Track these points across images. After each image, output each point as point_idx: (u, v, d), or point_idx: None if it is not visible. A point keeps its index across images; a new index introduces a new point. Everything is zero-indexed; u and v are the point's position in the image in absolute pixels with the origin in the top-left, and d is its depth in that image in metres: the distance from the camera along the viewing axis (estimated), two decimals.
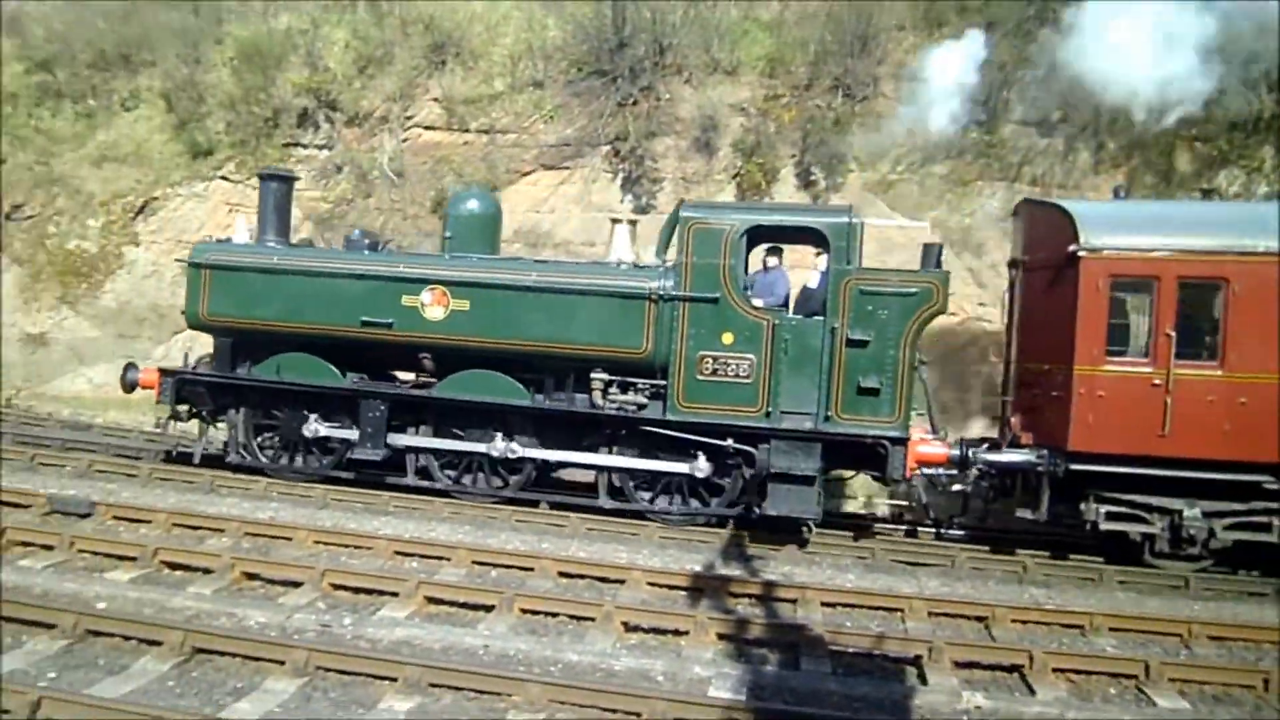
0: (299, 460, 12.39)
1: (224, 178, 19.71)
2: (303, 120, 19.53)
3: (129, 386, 13.03)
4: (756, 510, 10.94)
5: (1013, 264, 12.12)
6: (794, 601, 8.86)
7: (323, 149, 19.46)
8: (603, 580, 9.27)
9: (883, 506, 14.14)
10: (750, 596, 8.96)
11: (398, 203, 18.44)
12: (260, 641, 6.77)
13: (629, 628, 7.94)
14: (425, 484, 11.92)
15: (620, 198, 17.65)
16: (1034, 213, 11.75)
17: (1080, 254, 10.23)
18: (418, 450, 11.91)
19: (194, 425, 12.94)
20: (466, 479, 11.99)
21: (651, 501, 11.55)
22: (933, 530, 12.09)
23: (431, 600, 8.28)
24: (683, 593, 9.02)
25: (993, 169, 16.77)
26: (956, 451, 10.88)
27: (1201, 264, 10.02)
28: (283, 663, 6.51)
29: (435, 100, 19.23)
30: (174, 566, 8.71)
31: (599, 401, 11.29)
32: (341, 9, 20.66)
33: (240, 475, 12.18)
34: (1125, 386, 10.13)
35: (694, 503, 11.45)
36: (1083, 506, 10.53)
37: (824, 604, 8.86)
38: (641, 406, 11.28)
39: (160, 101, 20.92)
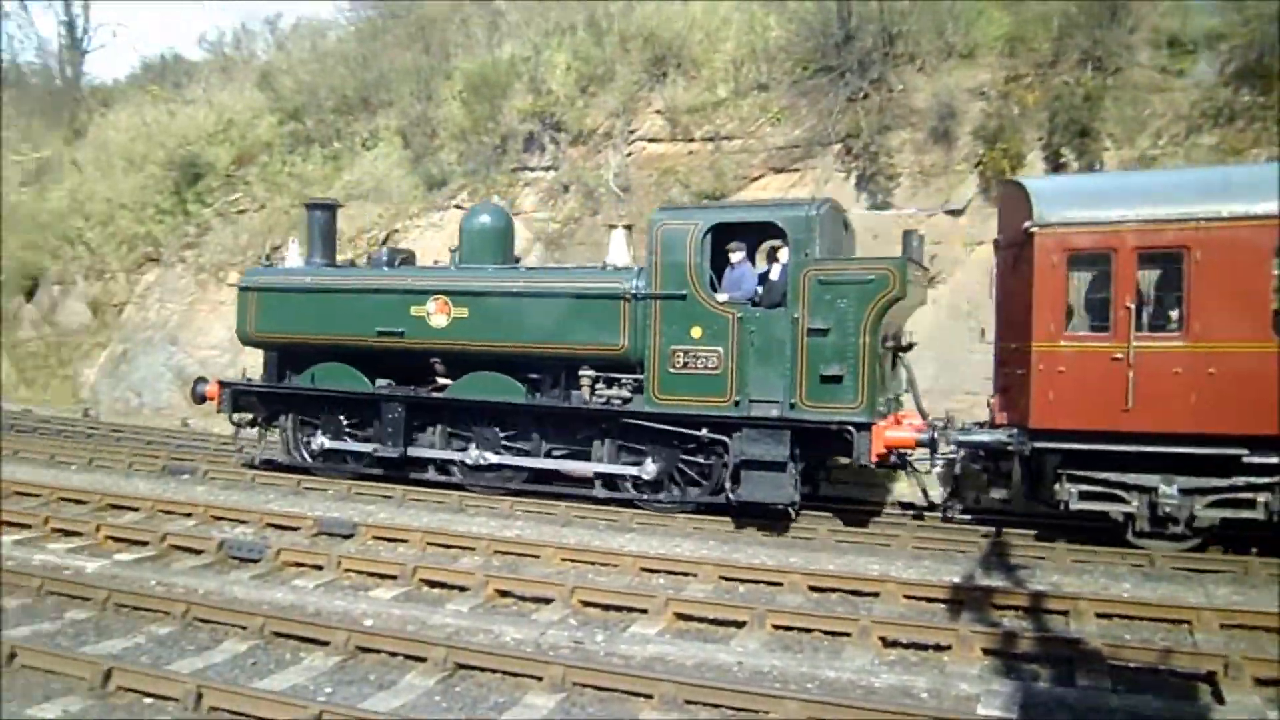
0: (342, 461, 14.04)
1: (458, 206, 20.79)
2: (529, 144, 20.36)
3: (199, 398, 14.96)
4: (730, 497, 11.50)
5: (995, 245, 12.10)
6: (1065, 613, 8.33)
7: (549, 170, 20.19)
8: (855, 594, 9.06)
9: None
10: (1016, 608, 8.52)
11: (625, 217, 18.80)
12: (518, 658, 6.94)
13: (887, 643, 7.68)
14: (443, 479, 13.27)
15: (855, 197, 17.26)
16: (1006, 191, 11.79)
17: (1033, 230, 10.29)
18: (426, 459, 13.41)
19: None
20: (486, 474, 13.08)
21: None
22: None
23: (681, 616, 8.27)
24: (942, 605, 8.67)
25: (1271, 133, 15.24)
26: (926, 435, 11.00)
27: (1160, 233, 9.91)
28: (540, 679, 6.64)
29: (658, 112, 19.55)
30: (432, 584, 9.13)
31: (586, 397, 12.21)
32: (561, 33, 21.43)
33: (486, 496, 12.78)
34: (1084, 362, 10.11)
35: (675, 491, 12.16)
36: (1056, 487, 10.50)
37: (1099, 615, 8.28)
38: (626, 400, 12.16)
39: (397, 139, 22.39)
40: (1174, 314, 10.08)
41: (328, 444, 13.97)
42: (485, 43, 22.25)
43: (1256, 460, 9.62)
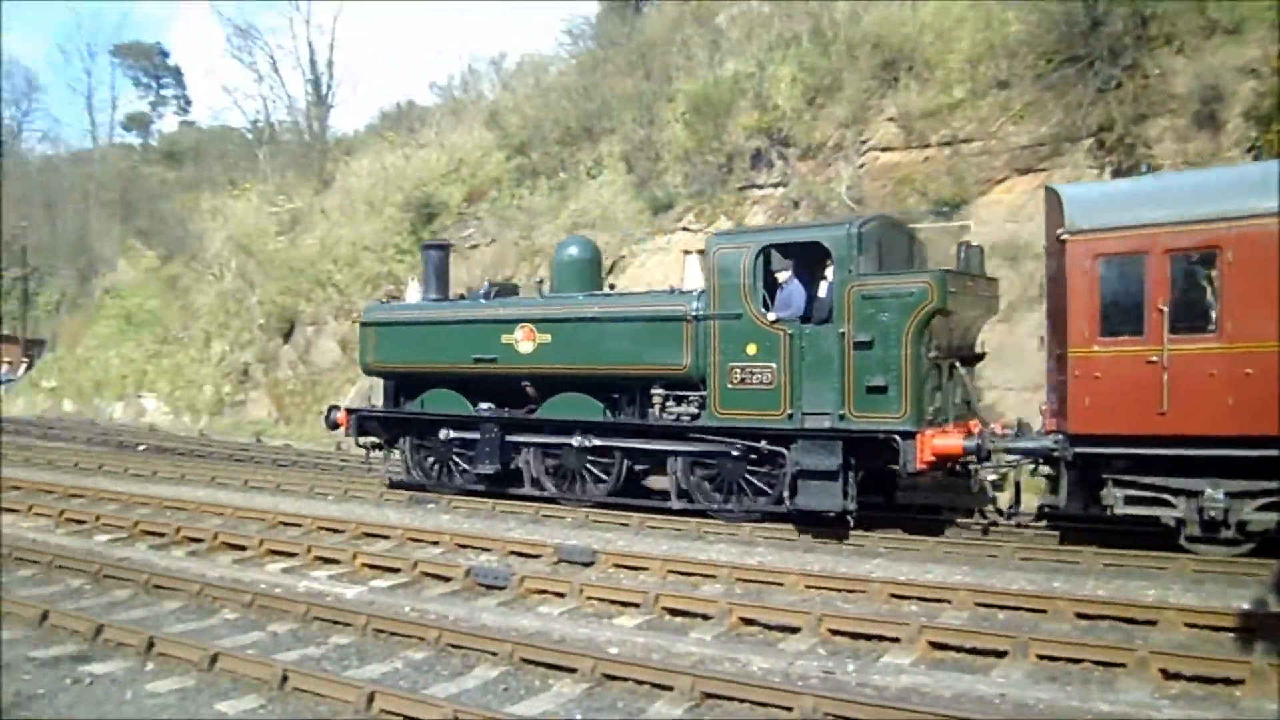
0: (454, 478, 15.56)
1: (685, 228, 21.01)
2: (756, 161, 20.35)
3: (331, 425, 16.79)
4: (788, 506, 12.23)
5: (1045, 251, 12.21)
6: None
7: (778, 186, 20.09)
8: (1129, 621, 8.47)
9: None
10: None
11: None
12: (767, 687, 6.80)
13: (1168, 675, 7.07)
14: (536, 492, 14.42)
15: None
16: (1047, 199, 11.85)
17: (1065, 236, 10.57)
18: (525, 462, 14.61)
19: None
20: (575, 487, 14.26)
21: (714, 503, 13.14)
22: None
23: (936, 646, 7.92)
24: (1230, 634, 7.97)
25: None
26: (975, 443, 11.29)
27: (1191, 234, 10.01)
28: (790, 709, 6.47)
29: (890, 119, 19.12)
30: (674, 612, 9.13)
31: (658, 414, 13.32)
32: (785, 45, 21.37)
33: (724, 523, 12.76)
34: (1119, 366, 10.29)
35: (745, 500, 12.89)
36: (1103, 492, 10.65)
37: None
38: (695, 416, 13.08)
39: (621, 165, 22.93)
40: (1210, 315, 10.15)
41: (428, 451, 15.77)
42: (707, 62, 22.49)
43: None
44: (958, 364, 12.25)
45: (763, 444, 12.34)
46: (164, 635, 8.11)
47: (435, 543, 12.19)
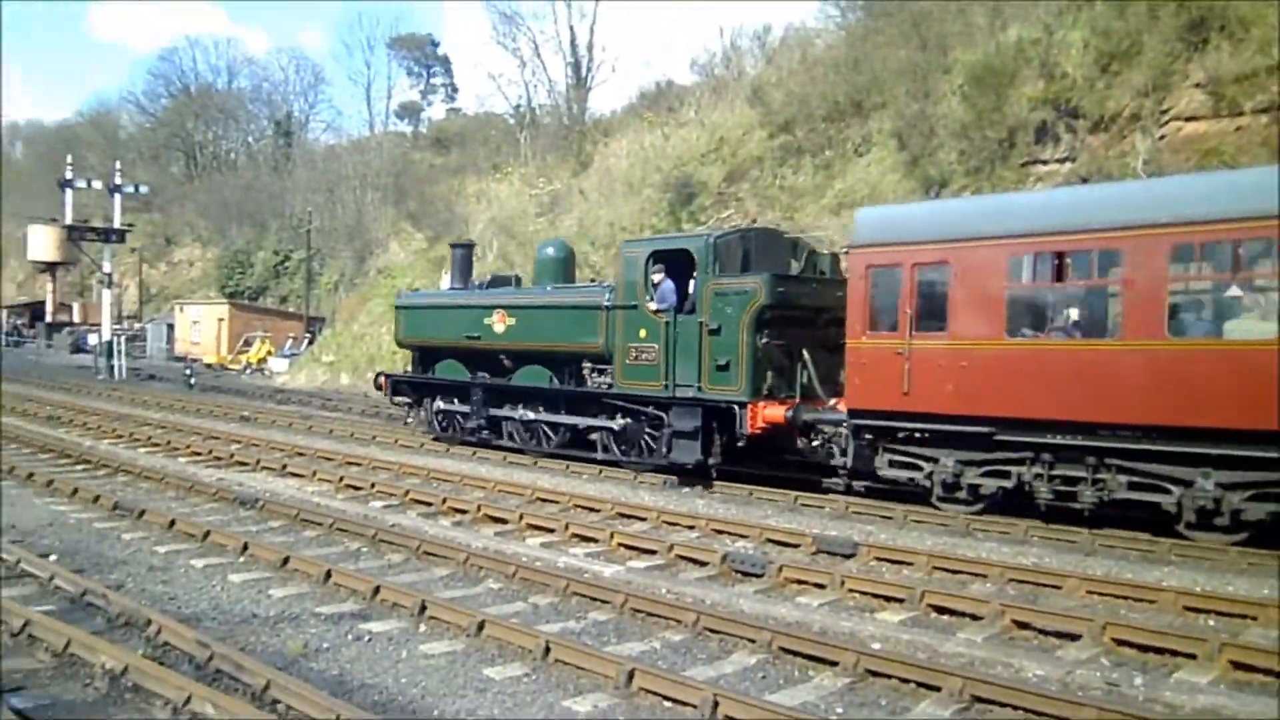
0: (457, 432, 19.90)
1: None
2: (1041, 135, 19.50)
3: (377, 386, 22.49)
4: (665, 459, 15.63)
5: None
6: None
7: (1065, 161, 19.17)
8: None
9: None
10: None
11: None
12: (1044, 696, 6.59)
13: None
14: (509, 445, 18.47)
15: None
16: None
17: (848, 250, 13.64)
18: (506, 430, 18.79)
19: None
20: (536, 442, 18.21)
21: (625, 453, 16.67)
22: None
23: (1239, 666, 7.40)
24: None
25: None
26: (792, 413, 14.34)
27: (929, 252, 12.77)
28: None
29: (1197, 85, 17.82)
30: (940, 610, 8.97)
31: (588, 383, 17.22)
32: (1076, 8, 20.28)
33: (999, 520, 12.40)
34: (879, 356, 13.11)
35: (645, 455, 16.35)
36: (875, 459, 13.61)
37: None
38: (610, 385, 16.65)
39: (891, 142, 22.50)
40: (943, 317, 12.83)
41: (442, 407, 20.14)
42: (987, 29, 21.68)
43: (1006, 438, 12.30)
44: (805, 351, 14.90)
45: (650, 409, 15.93)
46: (435, 599, 8.75)
47: (691, 527, 12.48)
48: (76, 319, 66.87)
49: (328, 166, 65.12)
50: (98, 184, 44.24)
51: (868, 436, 13.67)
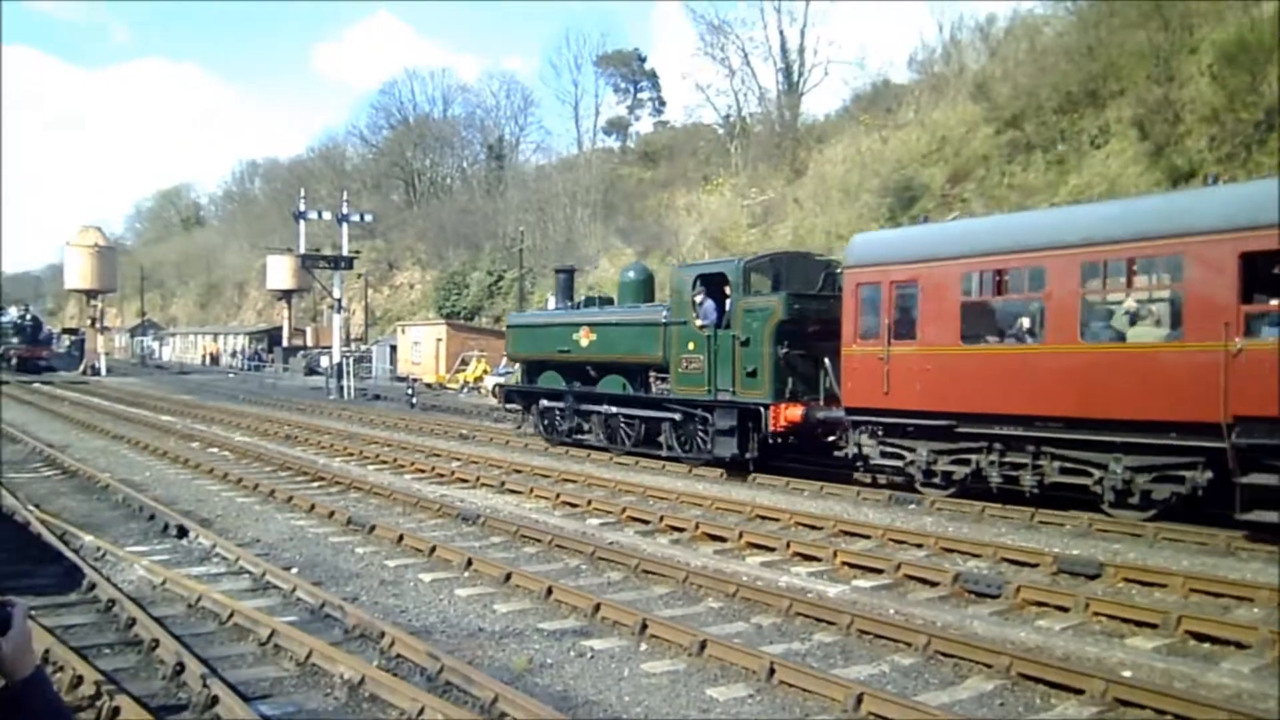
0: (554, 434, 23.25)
1: None
2: None
3: (493, 394, 28.03)
4: (711, 455, 18.42)
5: None
6: None
7: None
8: None
9: None
10: None
11: None
12: None
13: None
14: (594, 444, 21.62)
15: None
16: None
17: (843, 270, 16.70)
18: (582, 416, 22.39)
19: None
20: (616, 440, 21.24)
21: (684, 449, 19.34)
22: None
23: None
24: None
25: None
26: (808, 413, 17.04)
27: (903, 271, 15.46)
28: None
29: None
30: (1200, 637, 8.43)
31: (652, 389, 20.44)
32: None
33: (1264, 541, 11.51)
34: (866, 361, 15.81)
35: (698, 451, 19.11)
36: (866, 450, 16.20)
37: None
38: (669, 391, 19.56)
39: (1132, 131, 21.39)
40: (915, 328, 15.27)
41: (544, 408, 23.30)
42: (1239, 3, 20.30)
43: (965, 430, 14.60)
44: (827, 359, 16.98)
45: (699, 411, 18.77)
46: (655, 618, 8.87)
47: (919, 545, 12.19)
48: (310, 342, 71.45)
49: (538, 186, 67.35)
50: (327, 215, 47.23)
51: (865, 430, 16.18)
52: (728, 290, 18.40)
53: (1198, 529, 12.21)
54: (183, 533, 12.86)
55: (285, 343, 73.10)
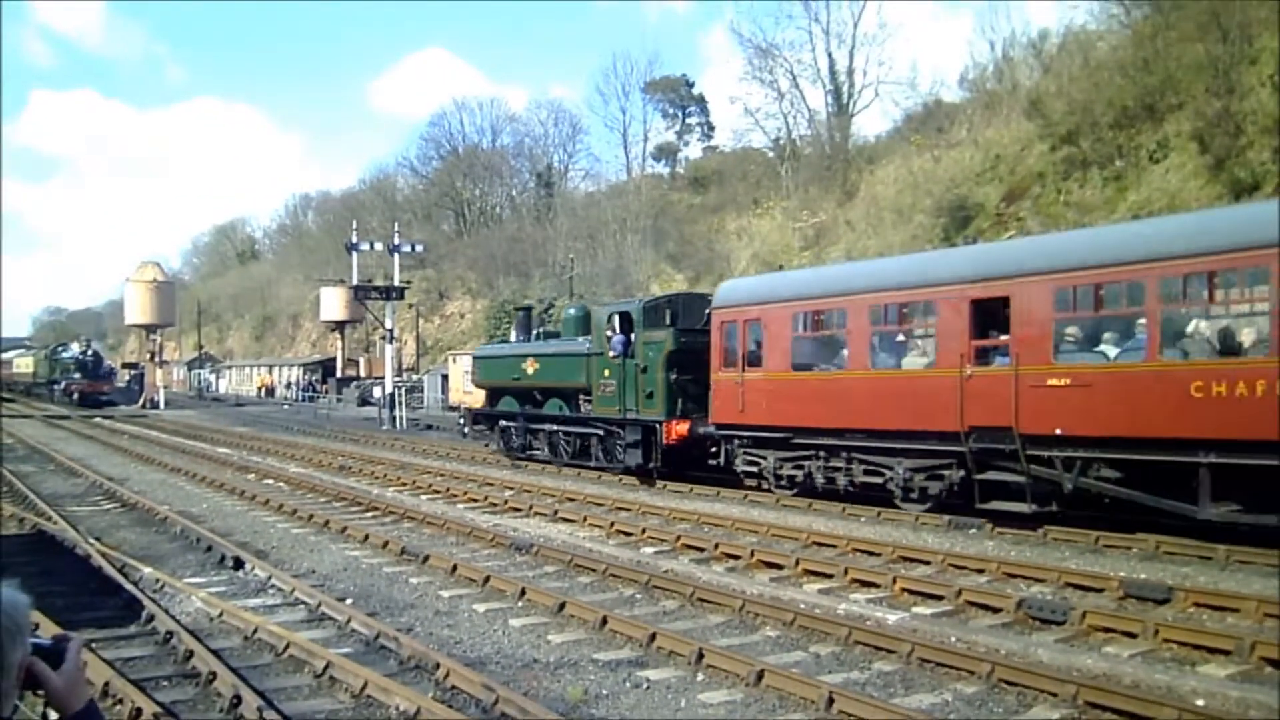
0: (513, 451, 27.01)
1: None
2: None
3: (461, 418, 31.83)
4: (622, 465, 22.10)
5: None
6: None
7: None
8: None
9: None
10: None
11: None
12: None
13: None
14: (542, 456, 25.35)
15: None
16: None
17: (710, 310, 20.45)
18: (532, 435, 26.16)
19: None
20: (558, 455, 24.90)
21: (608, 460, 22.89)
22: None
23: None
24: None
25: None
26: (691, 428, 20.63)
27: (751, 311, 19.16)
28: None
29: None
30: (1275, 663, 8.20)
31: (583, 409, 23.69)
32: None
33: None
34: (727, 385, 19.37)
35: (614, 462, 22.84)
36: (735, 460, 19.54)
37: None
38: (591, 411, 23.27)
39: (1191, 145, 21.06)
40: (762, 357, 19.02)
41: (503, 428, 27.19)
42: None
43: (800, 441, 17.99)
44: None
45: (614, 428, 22.21)
46: (712, 647, 8.80)
47: (980, 570, 12.01)
48: (363, 373, 72.15)
49: (587, 213, 67.65)
50: (379, 245, 47.82)
51: (735, 442, 19.56)
52: (634, 328, 21.89)
53: (1268, 552, 11.89)
54: (239, 564, 12.99)
55: (339, 373, 73.87)
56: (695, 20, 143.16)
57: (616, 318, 22.54)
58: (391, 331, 45.66)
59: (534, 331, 28.37)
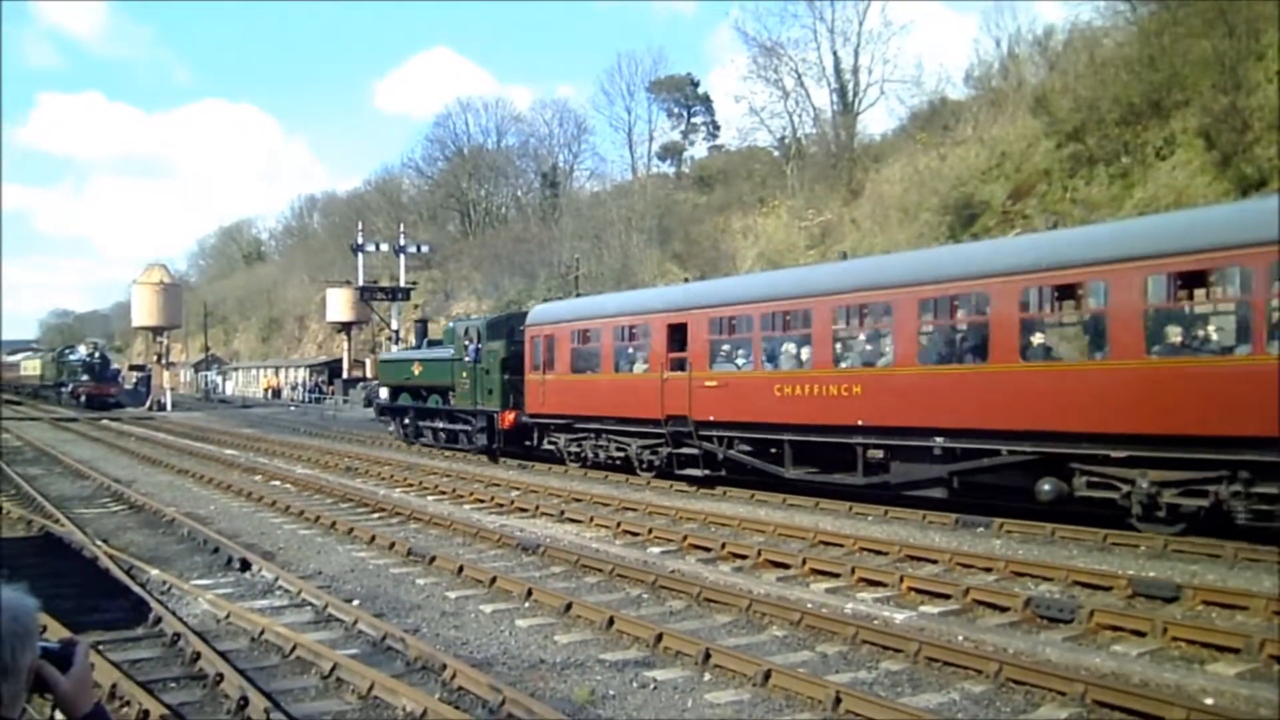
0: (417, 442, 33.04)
1: None
2: None
3: (368, 407, 43.44)
4: (472, 445, 28.76)
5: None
6: None
7: None
8: None
9: None
10: None
11: None
12: None
13: None
14: (429, 442, 31.38)
15: None
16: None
17: (524, 327, 26.39)
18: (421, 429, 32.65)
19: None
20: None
21: (469, 443, 29.06)
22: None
23: None
24: None
25: None
26: (516, 418, 26.44)
27: (549, 329, 25.42)
28: None
29: None
30: None
31: (451, 404, 29.81)
32: None
33: None
34: (536, 384, 25.46)
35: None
36: (544, 442, 26.29)
37: None
38: (453, 405, 29.73)
39: (1198, 141, 21.01)
40: (554, 364, 25.44)
41: (405, 423, 33.37)
42: None
43: (579, 425, 24.12)
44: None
45: (469, 418, 28.16)
46: (719, 647, 8.80)
47: (988, 569, 12.00)
48: (369, 374, 72.23)
49: (593, 213, 67.55)
50: (384, 246, 47.88)
51: (538, 428, 25.53)
52: (481, 339, 27.92)
53: (1277, 550, 11.88)
54: (246, 566, 13.02)
55: (345, 374, 73.96)
56: (703, 20, 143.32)
57: (472, 330, 28.58)
58: (398, 332, 45.75)
59: (424, 340, 34.88)
